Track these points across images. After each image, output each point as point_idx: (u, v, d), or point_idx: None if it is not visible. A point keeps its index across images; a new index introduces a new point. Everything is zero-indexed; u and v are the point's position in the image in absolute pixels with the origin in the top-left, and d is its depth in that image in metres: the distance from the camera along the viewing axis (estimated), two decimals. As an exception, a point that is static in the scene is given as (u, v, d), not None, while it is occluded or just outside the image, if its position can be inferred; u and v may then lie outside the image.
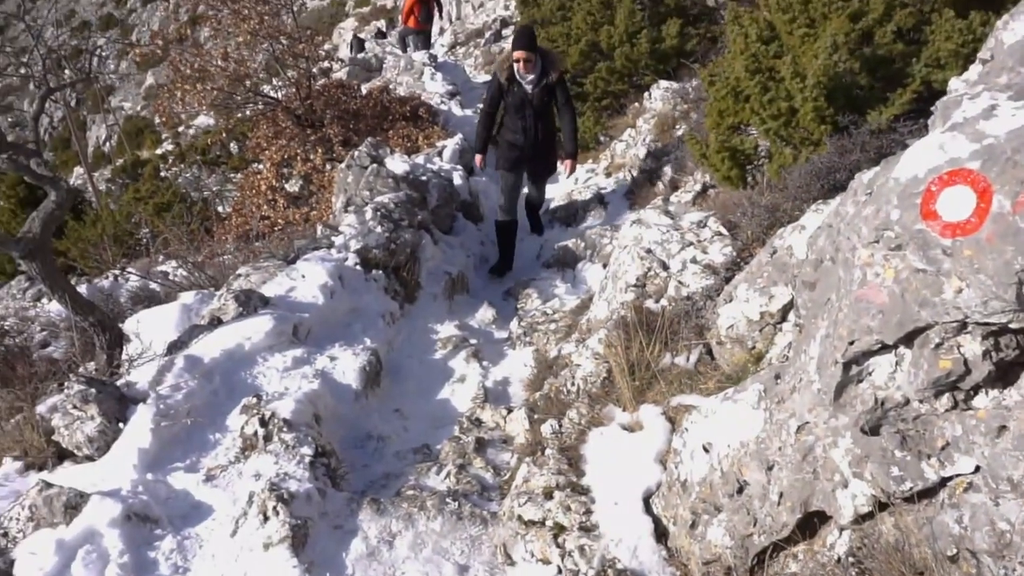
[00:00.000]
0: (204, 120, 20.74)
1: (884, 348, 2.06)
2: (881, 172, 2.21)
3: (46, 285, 4.17)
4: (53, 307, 7.09)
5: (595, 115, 8.82)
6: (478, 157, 6.53)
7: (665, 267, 4.13)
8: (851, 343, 2.10)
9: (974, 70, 2.98)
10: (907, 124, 3.56)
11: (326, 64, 9.83)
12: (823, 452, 2.25)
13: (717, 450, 2.67)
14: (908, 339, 2.00)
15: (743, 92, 4.26)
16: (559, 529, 3.01)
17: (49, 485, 3.28)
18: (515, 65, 6.01)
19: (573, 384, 3.88)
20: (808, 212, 3.38)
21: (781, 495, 2.37)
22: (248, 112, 9.57)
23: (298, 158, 8.66)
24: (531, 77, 6.03)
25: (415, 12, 15.55)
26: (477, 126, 6.53)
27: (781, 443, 2.38)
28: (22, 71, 4.59)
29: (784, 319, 3.25)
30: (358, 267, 5.35)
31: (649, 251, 4.20)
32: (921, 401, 2.03)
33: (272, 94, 9.23)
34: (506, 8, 17.75)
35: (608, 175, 8.05)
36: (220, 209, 11.02)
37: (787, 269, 3.31)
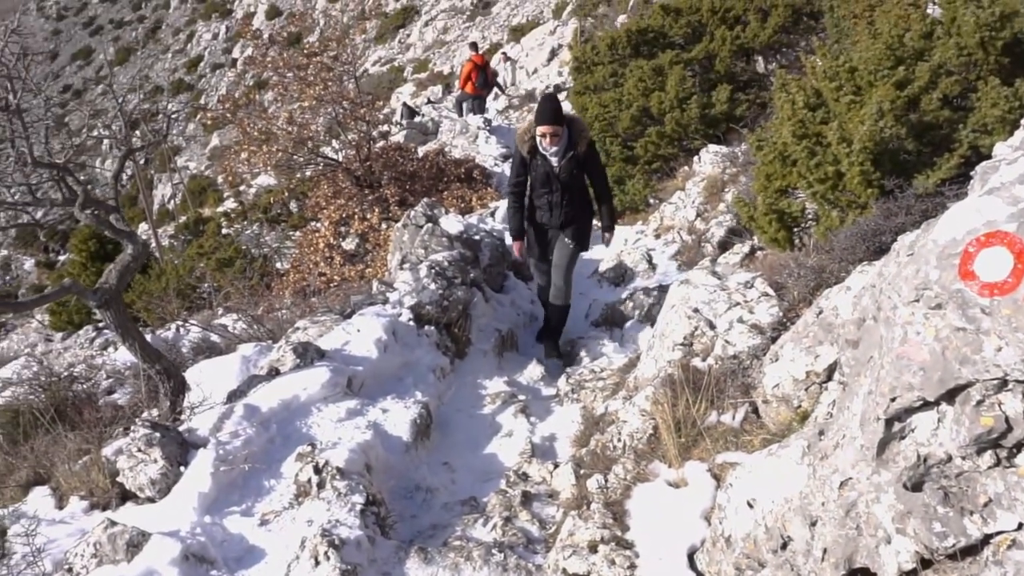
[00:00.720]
0: (264, 180, 21.49)
1: (926, 405, 2.10)
2: (922, 234, 2.28)
3: (118, 333, 4.39)
4: (119, 356, 7.39)
5: (645, 178, 8.97)
6: (516, 245, 5.87)
7: (712, 326, 4.18)
8: (893, 400, 2.15)
9: (1018, 135, 3.04)
10: (953, 188, 3.61)
11: (385, 127, 10.21)
12: (866, 508, 2.27)
13: (761, 506, 2.69)
14: (950, 396, 2.04)
15: (790, 156, 4.36)
16: (603, 583, 3.04)
17: (113, 523, 3.43)
18: (538, 139, 5.37)
19: (619, 440, 3.92)
20: (854, 273, 3.42)
21: (825, 551, 2.38)
22: (309, 172, 9.97)
23: (356, 217, 8.95)
24: (555, 149, 5.37)
25: (472, 78, 16.24)
26: (507, 210, 5.84)
27: (824, 499, 2.40)
28: (101, 132, 4.91)
29: (829, 378, 3.27)
30: (411, 322, 5.50)
31: (696, 310, 4.26)
32: (963, 458, 2.05)
33: (332, 156, 9.60)
34: (559, 75, 18.19)
35: (657, 236, 8.15)
36: (279, 265, 11.39)
37: (832, 329, 3.34)
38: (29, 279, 38.39)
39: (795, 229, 4.62)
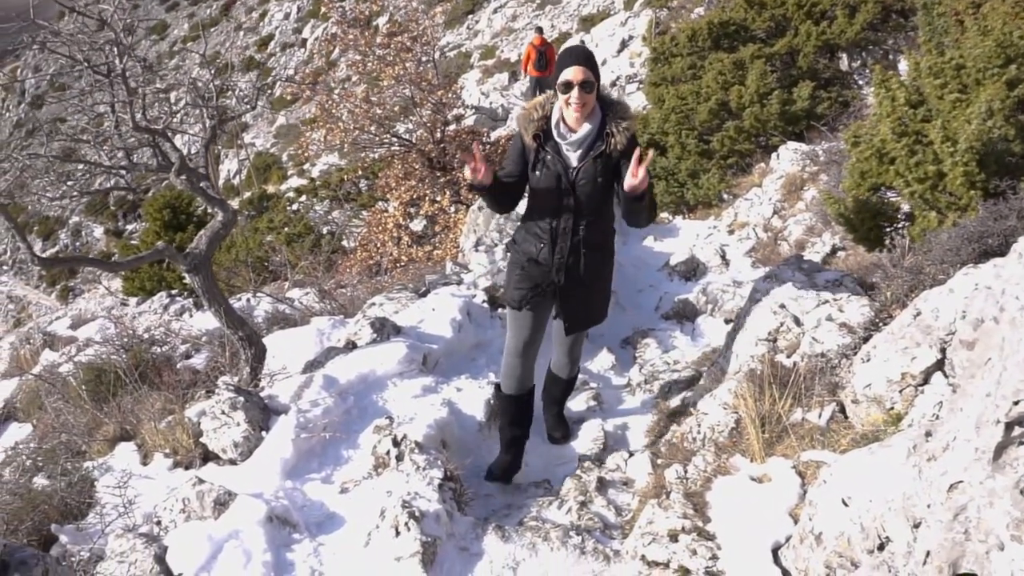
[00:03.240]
0: (329, 159, 21.78)
1: (1052, 410, 2.03)
2: (1052, 234, 2.20)
3: (205, 298, 4.49)
4: (194, 322, 7.56)
5: (720, 172, 8.85)
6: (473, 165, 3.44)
7: (798, 323, 4.11)
8: (1016, 403, 2.08)
9: None
10: (1066, 193, 3.49)
11: (459, 111, 10.26)
12: (977, 513, 2.21)
13: (857, 504, 2.64)
14: (1079, 402, 1.97)
15: (888, 154, 4.24)
16: (684, 572, 3.02)
17: (201, 481, 3.51)
18: (558, 105, 3.51)
19: (699, 432, 3.88)
20: (957, 275, 3.32)
21: (928, 554, 2.32)
22: (380, 152, 10.06)
23: (426, 199, 9.02)
24: (580, 134, 3.49)
25: (531, 58, 16.59)
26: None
27: (931, 501, 2.34)
28: (195, 100, 5.01)
29: (926, 381, 3.19)
30: (485, 304, 5.53)
31: (783, 306, 4.19)
32: (1091, 467, 1.98)
33: (406, 136, 9.67)
34: (631, 66, 18.02)
35: (731, 232, 8.03)
36: (345, 243, 11.54)
37: (932, 332, 3.26)
38: (98, 246, 39.57)
39: (887, 229, 4.50)
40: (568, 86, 3.40)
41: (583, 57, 3.44)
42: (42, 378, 5.71)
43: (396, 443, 3.84)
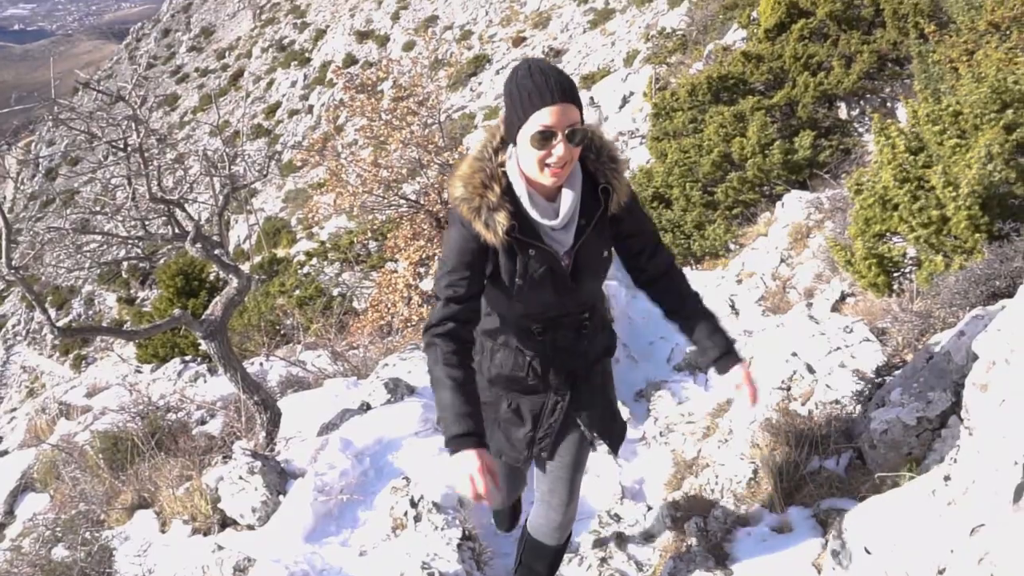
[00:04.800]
0: (338, 221, 22.05)
1: (1069, 450, 2.04)
2: (1058, 275, 2.23)
3: (221, 364, 4.54)
4: (209, 387, 7.59)
5: (725, 223, 8.92)
6: (470, 463, 2.25)
7: (811, 370, 4.12)
8: (1032, 444, 2.09)
9: None
10: (1070, 233, 3.53)
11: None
12: (1000, 555, 2.19)
13: (880, 552, 2.62)
14: (1095, 441, 1.98)
15: (891, 200, 4.30)
16: (709, 627, 2.98)
17: (220, 547, 3.51)
18: (518, 165, 2.32)
19: (717, 483, 3.86)
20: (967, 318, 3.35)
21: (955, 601, 2.30)
22: (388, 214, 10.19)
23: (435, 258, 9.10)
24: (566, 208, 2.33)
25: None
26: (434, 377, 2.42)
27: (954, 546, 2.33)
28: (207, 170, 5.15)
29: (943, 424, 3.19)
30: (498, 361, 5.55)
31: (795, 354, 4.21)
32: (1111, 507, 1.98)
33: (412, 197, 9.82)
34: (632, 121, 18.31)
35: (739, 282, 8.07)
36: (355, 305, 11.63)
37: (946, 375, 3.27)
38: (110, 314, 39.88)
39: (895, 274, 4.54)
40: (547, 137, 2.16)
41: (565, 87, 2.18)
42: (59, 448, 5.73)
43: (413, 504, 3.84)
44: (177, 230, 4.82)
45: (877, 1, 9.04)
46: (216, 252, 4.72)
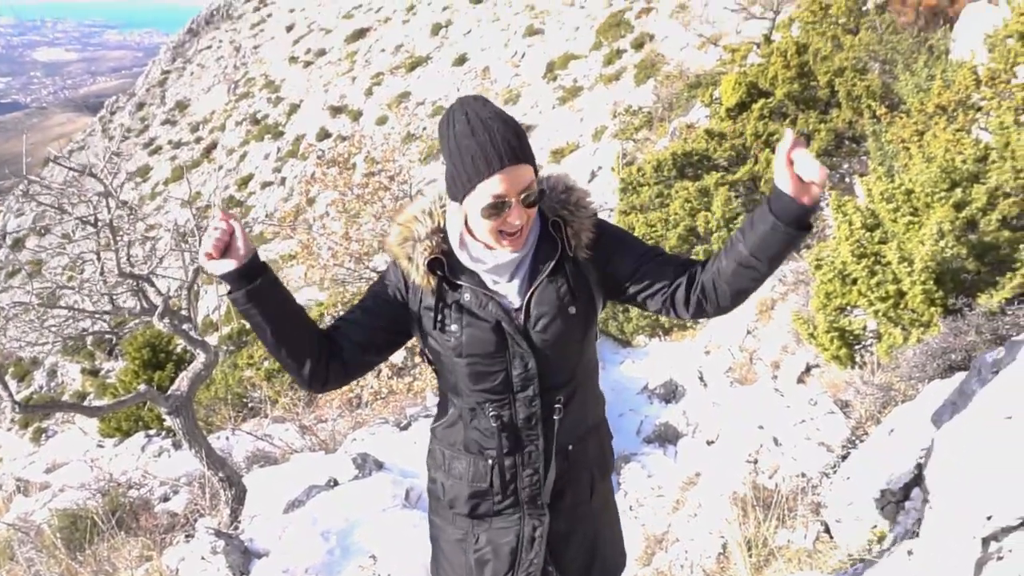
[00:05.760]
0: (308, 293, 21.99)
1: (1024, 524, 2.08)
2: (1008, 352, 2.31)
3: (186, 440, 4.48)
4: (172, 462, 7.44)
5: (692, 295, 9.04)
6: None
7: (777, 443, 4.16)
8: (989, 518, 2.13)
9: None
10: (1020, 307, 3.64)
11: (436, 243, 10.48)
12: (965, 632, 2.21)
13: (848, 629, 2.62)
14: (1049, 515, 2.02)
15: (850, 275, 4.42)
16: None
17: (179, 632, 3.41)
18: (458, 218, 2.00)
19: (686, 559, 3.85)
20: (925, 391, 3.42)
21: None
22: (359, 286, 10.21)
23: (405, 330, 9.10)
24: (516, 255, 1.99)
25: None
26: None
27: (919, 622, 2.34)
28: (177, 244, 5.17)
29: (907, 497, 3.22)
30: (467, 434, 5.53)
31: (761, 427, 4.25)
32: (1068, 580, 2.01)
33: (383, 270, 9.87)
34: (601, 195, 18.64)
35: (707, 353, 8.15)
36: (325, 377, 11.51)
37: (907, 448, 3.32)
38: (73, 386, 38.97)
39: (856, 347, 4.63)
40: (499, 207, 1.88)
41: (513, 144, 1.87)
42: (14, 527, 5.57)
43: (380, 583, 3.76)
44: (145, 304, 4.80)
45: (832, 83, 9.39)
46: (184, 327, 4.70)
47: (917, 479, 3.21)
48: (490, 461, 2.11)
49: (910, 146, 5.58)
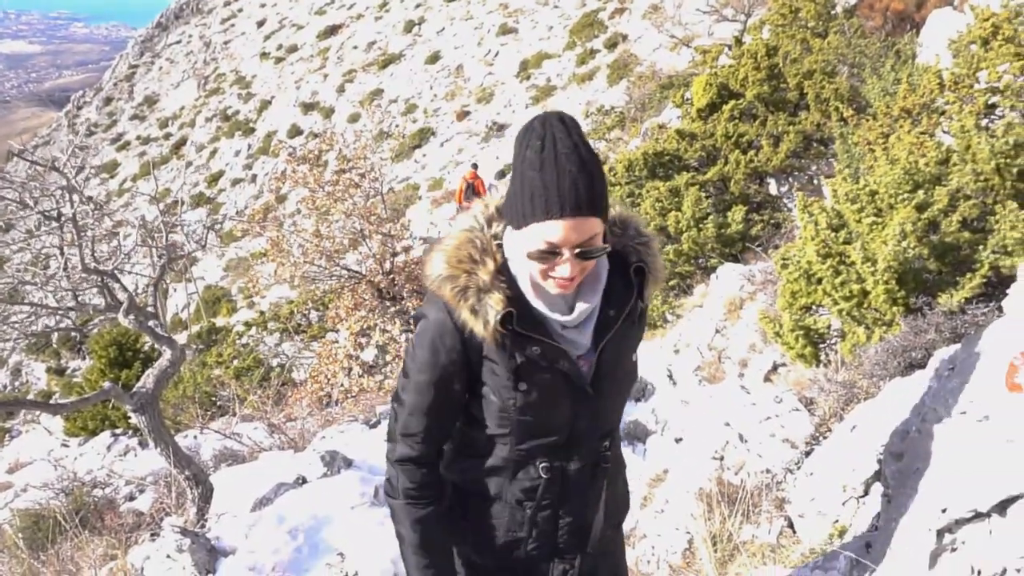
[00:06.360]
0: (280, 291, 21.84)
1: (978, 516, 2.13)
2: (963, 349, 2.36)
3: (151, 438, 4.43)
4: (139, 461, 7.36)
5: (662, 294, 9.12)
6: None
7: (743, 440, 4.21)
8: (944, 511, 2.17)
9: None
10: (978, 307, 3.72)
11: (407, 242, 10.52)
12: (921, 623, 2.26)
13: (809, 622, 2.66)
14: (1002, 507, 2.07)
15: (815, 275, 4.49)
16: None
17: (143, 631, 3.38)
18: (516, 258, 1.77)
19: (653, 554, 3.88)
20: (886, 388, 3.48)
21: (879, 668, 2.35)
22: (330, 284, 10.18)
23: (376, 329, 9.09)
24: (589, 296, 1.81)
25: (462, 191, 18.93)
26: (404, 541, 1.96)
27: (876, 613, 2.39)
28: (144, 241, 5.11)
29: (867, 492, 3.28)
30: (437, 432, 5.53)
31: (727, 424, 4.30)
32: (1019, 571, 2.06)
33: (355, 268, 9.84)
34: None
35: (676, 352, 8.22)
36: (295, 375, 11.47)
37: (868, 444, 3.38)
38: (39, 385, 38.34)
39: (821, 345, 4.70)
40: (548, 256, 1.68)
41: (583, 195, 1.64)
42: (-25, 528, 5.48)
43: (348, 581, 3.76)
44: (110, 300, 4.75)
45: (801, 85, 9.52)
46: (150, 323, 4.65)
47: (877, 474, 3.27)
48: (528, 511, 1.94)
49: (875, 148, 5.67)
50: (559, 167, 1.62)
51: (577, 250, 1.66)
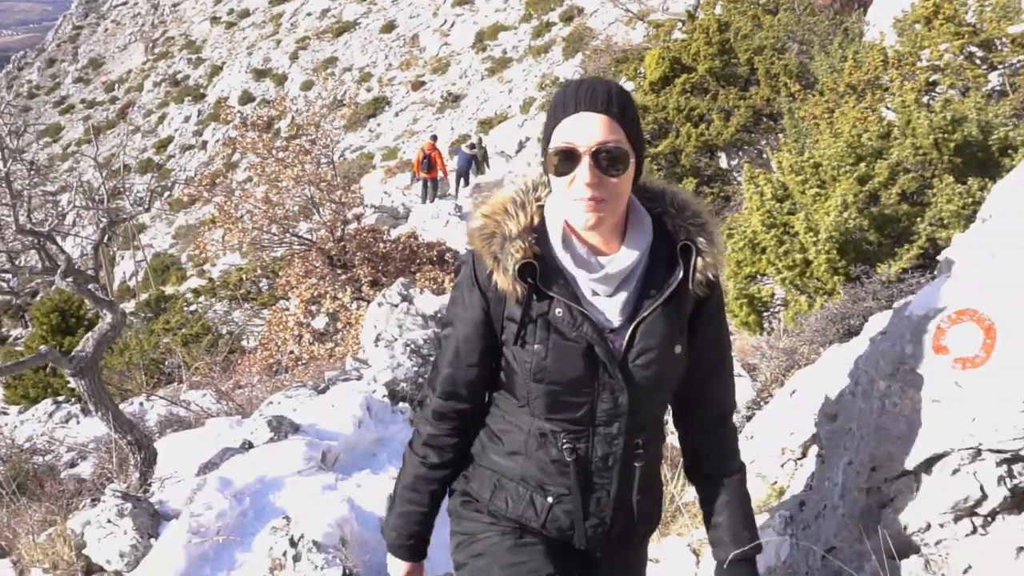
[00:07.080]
0: (231, 258, 21.52)
1: (905, 474, 2.20)
2: (895, 313, 2.43)
3: (91, 403, 4.36)
4: (80, 429, 7.24)
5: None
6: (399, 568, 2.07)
7: (687, 406, 4.29)
8: (873, 469, 2.25)
9: (975, 228, 3.24)
10: (915, 276, 3.82)
11: (359, 210, 10.45)
12: (849, 576, 2.34)
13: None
14: (927, 465, 2.15)
15: (760, 244, 4.57)
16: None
17: (83, 595, 3.34)
18: (556, 203, 1.70)
19: (597, 517, 3.95)
20: (825, 354, 3.57)
21: (809, 620, 2.43)
22: (281, 251, 10.06)
23: (327, 296, 9.02)
24: (622, 259, 1.69)
25: (419, 161, 19.67)
26: (400, 494, 1.97)
27: (808, 568, 2.47)
28: (83, 202, 4.99)
29: (804, 455, 3.38)
30: (386, 399, 5.53)
31: (672, 390, 4.38)
32: (942, 526, 2.15)
33: (306, 235, 9.73)
34: (528, 165, 18.69)
35: (626, 322, 8.33)
36: (245, 343, 11.34)
37: (806, 408, 3.47)
38: (-22, 354, 37.33)
39: (764, 313, 4.79)
40: (568, 158, 1.61)
41: (600, 96, 1.63)
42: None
43: (293, 543, 3.76)
44: (48, 263, 4.63)
45: (752, 61, 9.61)
46: (89, 287, 4.55)
47: (815, 437, 3.36)
48: (550, 499, 1.83)
49: (821, 123, 5.76)
50: (582, 81, 1.70)
51: (596, 148, 1.58)
